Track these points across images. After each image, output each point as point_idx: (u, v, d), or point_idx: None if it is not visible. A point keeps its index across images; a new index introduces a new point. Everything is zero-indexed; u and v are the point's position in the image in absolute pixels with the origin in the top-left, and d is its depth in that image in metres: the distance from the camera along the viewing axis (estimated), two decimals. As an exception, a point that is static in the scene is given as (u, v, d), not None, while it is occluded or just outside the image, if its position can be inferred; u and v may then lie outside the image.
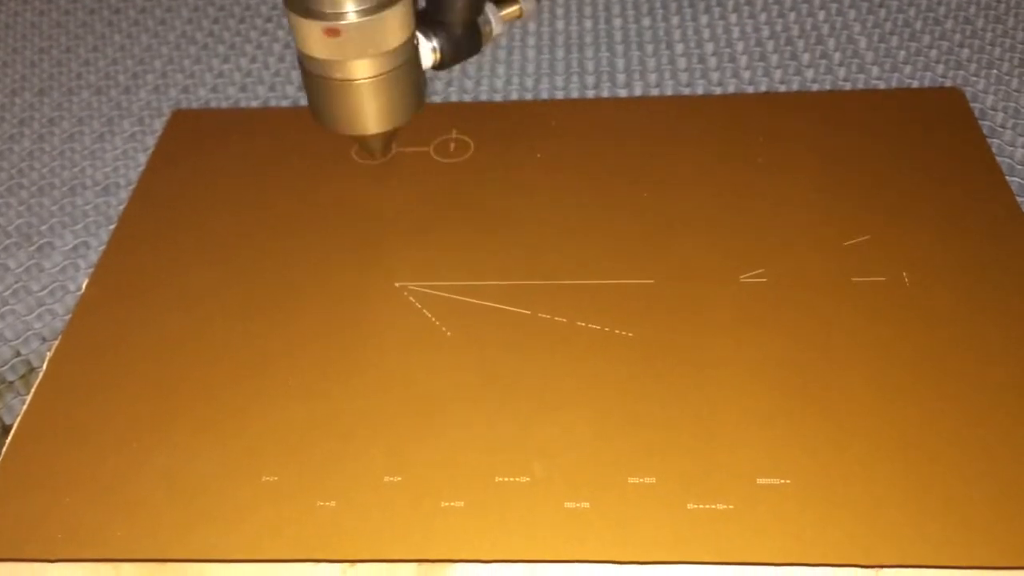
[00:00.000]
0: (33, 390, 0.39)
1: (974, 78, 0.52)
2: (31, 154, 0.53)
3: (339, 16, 0.40)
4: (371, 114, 0.43)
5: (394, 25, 0.41)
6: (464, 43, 0.48)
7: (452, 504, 0.33)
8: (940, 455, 0.34)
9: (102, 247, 0.45)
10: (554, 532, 0.32)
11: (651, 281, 0.41)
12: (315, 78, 0.42)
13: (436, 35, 0.47)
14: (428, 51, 0.47)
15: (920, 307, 0.39)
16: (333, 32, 0.39)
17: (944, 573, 0.30)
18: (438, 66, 0.48)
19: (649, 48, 0.57)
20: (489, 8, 0.49)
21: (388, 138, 0.46)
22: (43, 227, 0.48)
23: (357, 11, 0.40)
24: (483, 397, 0.37)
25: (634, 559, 0.31)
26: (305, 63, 0.42)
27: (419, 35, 0.45)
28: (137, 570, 0.32)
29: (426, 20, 0.47)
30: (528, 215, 0.45)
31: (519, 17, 0.51)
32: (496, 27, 0.50)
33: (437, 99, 0.54)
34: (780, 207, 0.44)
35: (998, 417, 0.35)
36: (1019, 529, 0.31)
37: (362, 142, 0.46)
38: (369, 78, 0.42)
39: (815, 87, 0.53)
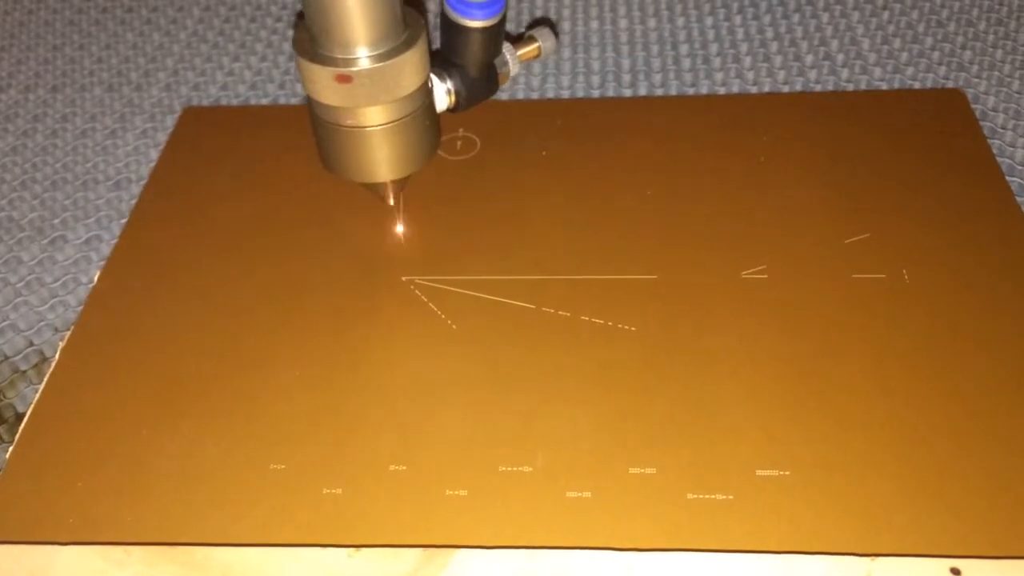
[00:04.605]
0: (46, 379, 0.39)
1: (976, 80, 0.53)
2: (44, 149, 0.54)
3: (351, 62, 0.37)
4: (383, 161, 0.41)
5: (408, 70, 0.39)
6: (480, 85, 0.46)
7: (456, 493, 0.34)
8: (936, 448, 0.34)
9: (114, 241, 0.46)
10: (556, 520, 0.33)
11: (654, 277, 0.41)
12: (325, 124, 0.40)
13: (451, 77, 0.45)
14: (443, 93, 0.45)
15: (920, 304, 0.39)
16: (345, 79, 0.37)
17: (939, 562, 0.31)
18: (453, 108, 0.46)
19: (654, 49, 0.58)
20: (507, 49, 0.47)
21: (401, 184, 0.43)
22: (56, 221, 0.49)
23: (370, 56, 0.37)
24: (487, 389, 0.37)
25: (634, 547, 0.32)
26: (314, 108, 0.40)
27: (433, 77, 0.43)
28: (147, 553, 0.33)
29: (441, 61, 0.45)
30: (533, 211, 0.45)
31: (537, 56, 0.50)
32: (513, 68, 0.48)
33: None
34: (782, 205, 0.45)
35: (993, 412, 0.35)
36: (1012, 520, 0.32)
37: (373, 189, 0.44)
38: (382, 125, 0.40)
39: (818, 88, 0.53)
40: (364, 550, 0.32)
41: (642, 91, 0.54)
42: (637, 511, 0.33)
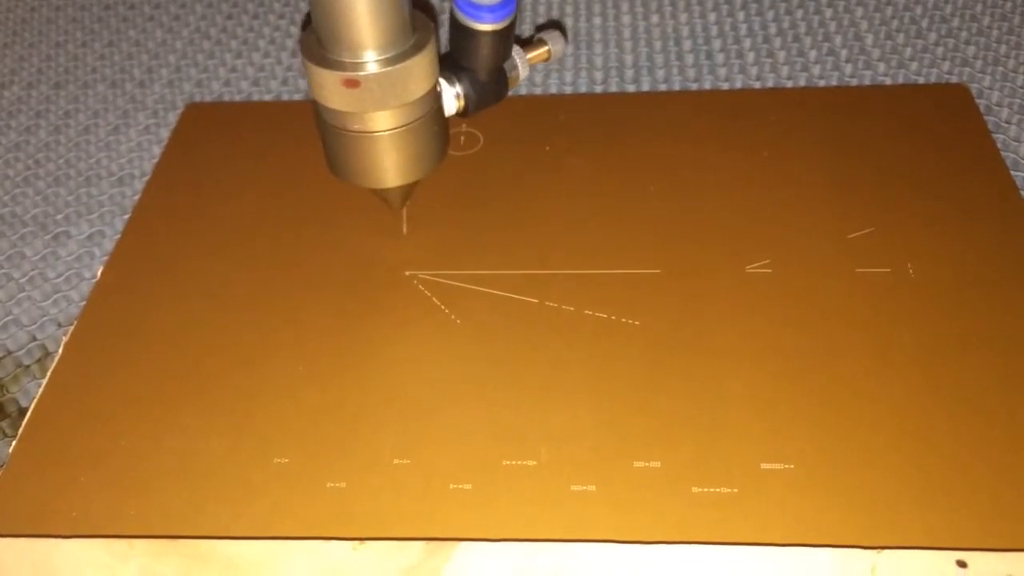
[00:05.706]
0: (49, 374, 0.39)
1: (980, 75, 0.53)
2: (47, 146, 0.54)
3: (359, 66, 0.37)
4: (391, 167, 0.40)
5: (417, 75, 0.38)
6: (490, 89, 0.45)
7: (460, 486, 0.34)
8: (941, 441, 0.34)
9: (117, 236, 0.46)
10: (560, 514, 0.33)
11: (658, 271, 0.41)
12: (332, 129, 0.39)
13: (460, 81, 0.44)
14: (452, 97, 0.44)
15: (924, 298, 0.39)
16: (352, 83, 0.37)
17: (943, 554, 0.31)
18: (462, 113, 0.45)
19: (657, 44, 0.58)
20: (516, 52, 0.46)
21: (408, 190, 0.43)
22: (59, 216, 0.49)
23: (378, 60, 0.37)
24: (491, 383, 0.37)
25: (639, 540, 0.32)
26: (321, 113, 0.40)
27: (442, 81, 0.43)
28: (150, 546, 0.33)
29: (450, 65, 0.44)
30: (537, 206, 0.45)
31: (547, 59, 0.49)
32: (523, 72, 0.47)
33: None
34: (785, 200, 0.44)
35: (998, 405, 0.35)
36: (1018, 512, 0.32)
37: (380, 195, 0.43)
38: (390, 130, 0.39)
39: (822, 83, 0.53)
40: (368, 543, 0.32)
41: (645, 87, 0.54)
42: (641, 505, 0.33)
